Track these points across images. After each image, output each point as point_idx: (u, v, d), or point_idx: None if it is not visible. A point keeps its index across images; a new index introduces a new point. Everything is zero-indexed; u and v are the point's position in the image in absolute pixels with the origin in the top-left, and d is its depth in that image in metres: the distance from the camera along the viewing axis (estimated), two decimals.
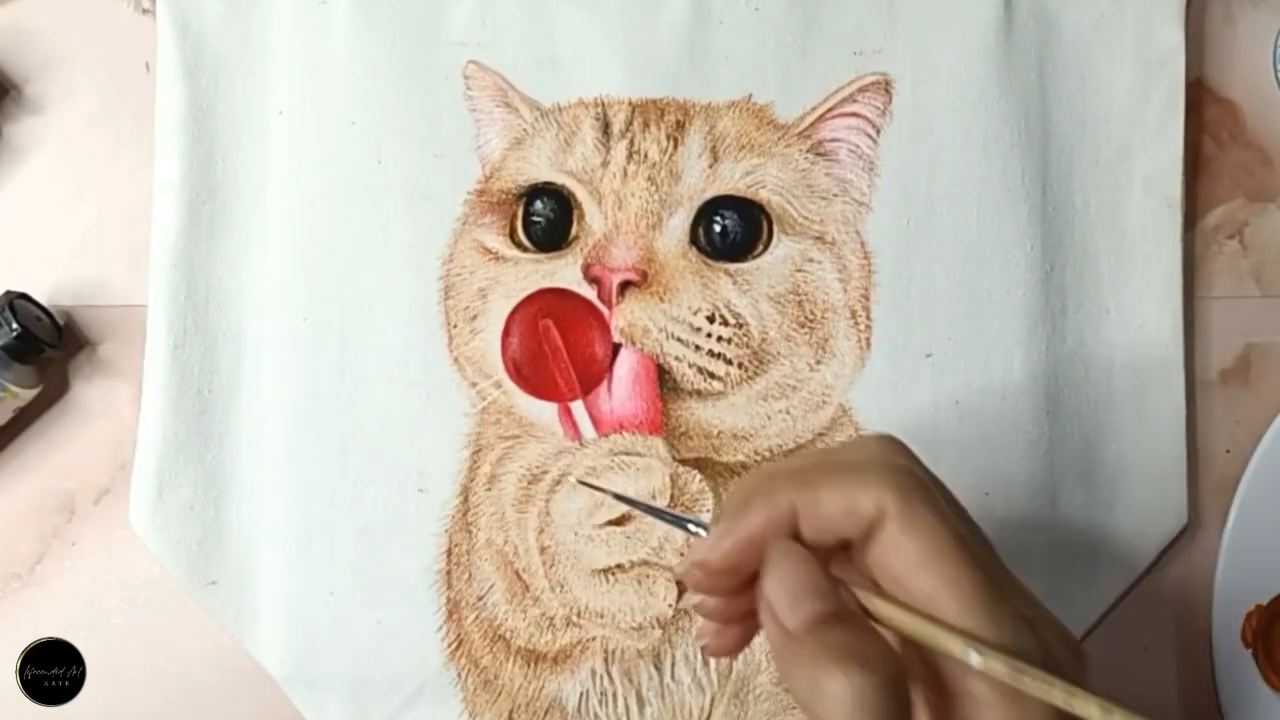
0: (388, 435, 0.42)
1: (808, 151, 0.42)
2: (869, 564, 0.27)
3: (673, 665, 0.41)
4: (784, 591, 0.26)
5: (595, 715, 0.41)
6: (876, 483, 0.26)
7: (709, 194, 0.42)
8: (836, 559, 0.27)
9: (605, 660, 0.41)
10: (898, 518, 0.26)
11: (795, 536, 0.27)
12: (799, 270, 0.42)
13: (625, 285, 0.41)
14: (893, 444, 0.29)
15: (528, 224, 0.42)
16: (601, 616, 0.41)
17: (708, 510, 0.41)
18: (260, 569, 0.42)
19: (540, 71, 0.43)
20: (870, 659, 0.25)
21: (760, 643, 0.41)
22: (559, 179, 0.42)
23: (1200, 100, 0.44)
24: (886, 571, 0.26)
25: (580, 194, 0.42)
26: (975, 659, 0.24)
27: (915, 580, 0.26)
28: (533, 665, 0.41)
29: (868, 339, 0.42)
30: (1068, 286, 0.43)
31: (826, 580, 0.26)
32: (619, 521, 0.41)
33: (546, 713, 0.41)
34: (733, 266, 0.42)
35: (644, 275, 0.41)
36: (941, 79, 0.42)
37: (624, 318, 0.41)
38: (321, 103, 0.43)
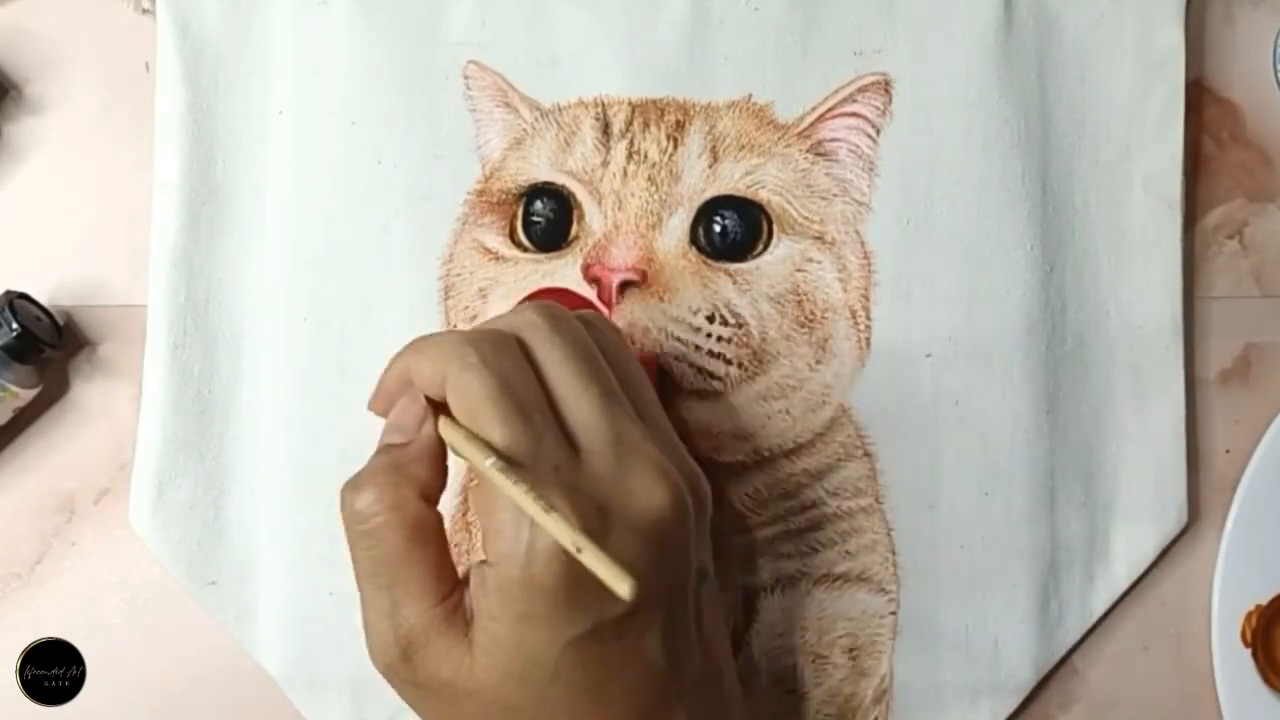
0: None
1: (808, 151, 0.42)
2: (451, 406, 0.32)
3: None
4: (384, 429, 0.35)
5: None
6: (447, 354, 0.32)
7: (709, 194, 0.42)
8: None
9: None
10: (451, 381, 0.32)
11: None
12: (799, 270, 0.42)
13: (625, 285, 0.41)
14: (530, 308, 0.34)
15: (528, 224, 0.42)
16: None
17: (707, 510, 0.41)
18: (260, 569, 0.42)
19: (540, 71, 0.43)
20: (363, 485, 0.33)
21: (759, 644, 0.41)
22: (559, 179, 0.42)
23: (1200, 100, 0.44)
24: (459, 418, 0.32)
25: (580, 194, 0.42)
26: (484, 464, 0.30)
27: (466, 426, 0.32)
28: None
29: (868, 339, 0.42)
30: (1068, 286, 0.43)
31: (413, 419, 0.34)
32: None
33: None
34: (733, 266, 0.42)
35: (644, 275, 0.41)
36: (941, 79, 0.42)
37: (624, 318, 0.41)
38: (321, 103, 0.43)
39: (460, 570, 0.34)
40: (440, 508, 0.42)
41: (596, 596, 0.29)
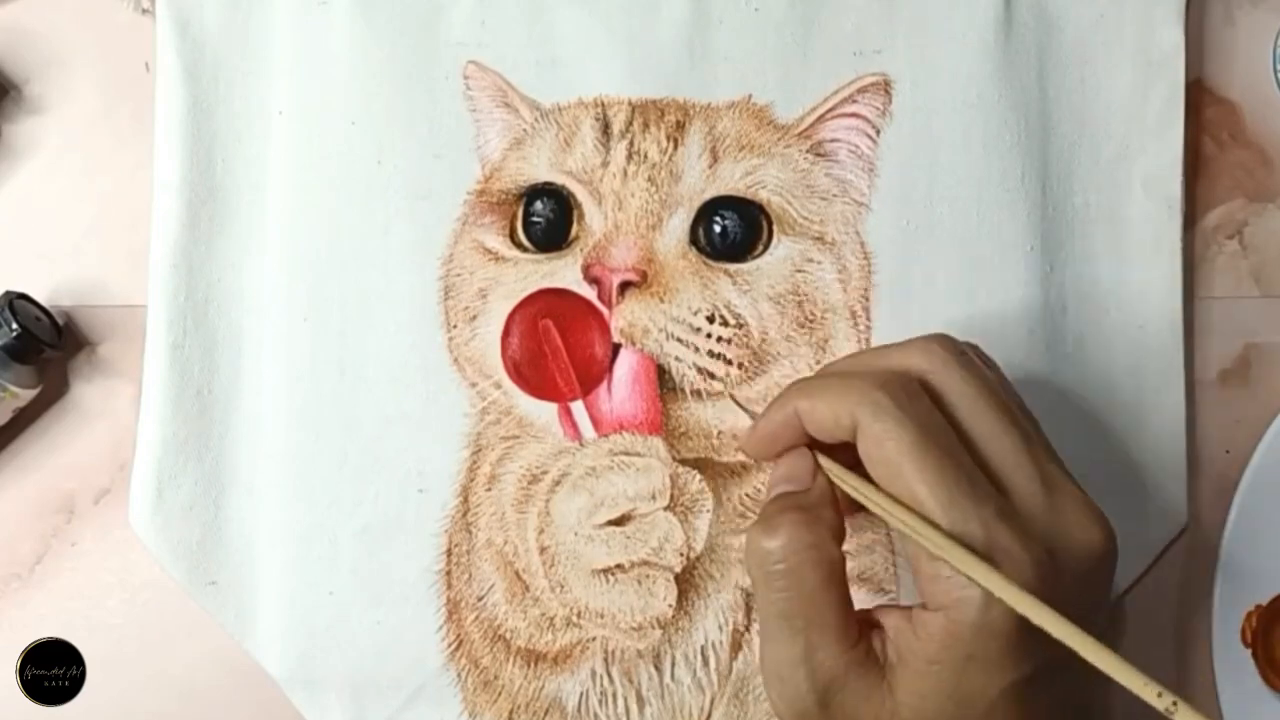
0: (388, 435, 0.42)
1: (808, 152, 0.42)
2: (862, 458, 0.32)
3: (673, 665, 0.41)
4: (771, 480, 0.35)
5: (595, 715, 0.41)
6: (853, 399, 0.32)
7: (709, 194, 0.42)
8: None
9: (605, 660, 0.41)
10: (864, 429, 0.32)
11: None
12: (799, 270, 0.42)
13: (625, 285, 0.41)
14: (931, 343, 0.34)
15: (527, 224, 0.42)
16: (601, 617, 0.41)
17: (707, 510, 0.41)
18: (260, 569, 0.42)
19: (540, 72, 0.43)
20: (776, 525, 0.32)
21: (758, 645, 0.41)
22: (559, 179, 0.42)
23: (1200, 100, 0.44)
24: (870, 467, 0.32)
25: (580, 194, 0.42)
26: (907, 531, 0.31)
27: (879, 475, 0.32)
28: (533, 665, 0.41)
29: (868, 339, 0.42)
30: (1068, 286, 0.43)
31: (804, 472, 0.34)
32: (619, 522, 0.41)
33: (546, 713, 0.41)
34: (733, 267, 0.42)
35: (644, 275, 0.42)
36: (941, 79, 0.42)
37: (624, 318, 0.41)
38: (321, 103, 0.43)
39: None
40: (438, 507, 0.42)
41: (1041, 641, 0.29)
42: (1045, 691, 0.31)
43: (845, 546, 0.41)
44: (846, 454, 0.33)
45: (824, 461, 0.34)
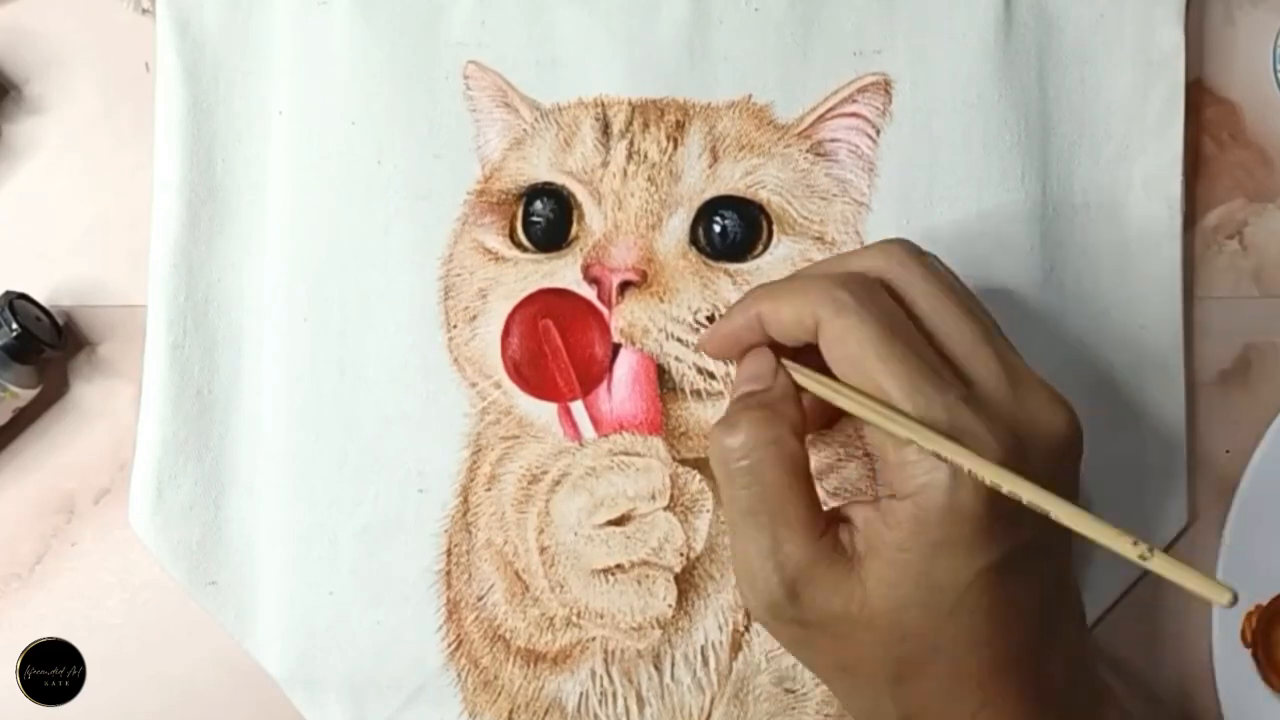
0: (388, 435, 0.42)
1: (808, 152, 0.42)
2: (824, 356, 0.33)
3: (672, 665, 0.41)
4: (736, 379, 0.35)
5: (595, 715, 0.41)
6: (815, 299, 0.32)
7: (709, 194, 0.42)
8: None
9: (605, 660, 0.41)
10: (825, 326, 0.32)
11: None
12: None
13: (625, 285, 0.41)
14: (891, 245, 0.34)
15: (527, 224, 0.42)
16: (601, 616, 0.41)
17: (707, 510, 0.41)
18: (260, 569, 0.42)
19: (540, 71, 0.43)
20: (737, 422, 0.33)
21: (759, 644, 0.41)
22: (559, 179, 0.42)
23: (1200, 100, 0.44)
24: (833, 364, 0.33)
25: (580, 194, 0.42)
26: (869, 416, 0.31)
27: (842, 371, 0.32)
28: (533, 665, 0.41)
29: None
30: (1068, 286, 0.43)
31: (768, 371, 0.34)
32: (619, 522, 0.41)
33: (546, 713, 0.41)
34: (733, 267, 0.42)
35: (644, 275, 0.41)
36: (941, 79, 0.42)
37: (624, 318, 0.41)
38: (321, 103, 0.43)
39: None
40: (438, 507, 0.42)
41: (1013, 525, 0.30)
42: (1017, 577, 0.32)
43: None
44: (810, 357, 0.34)
45: (786, 362, 0.35)
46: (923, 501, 0.31)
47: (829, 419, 0.38)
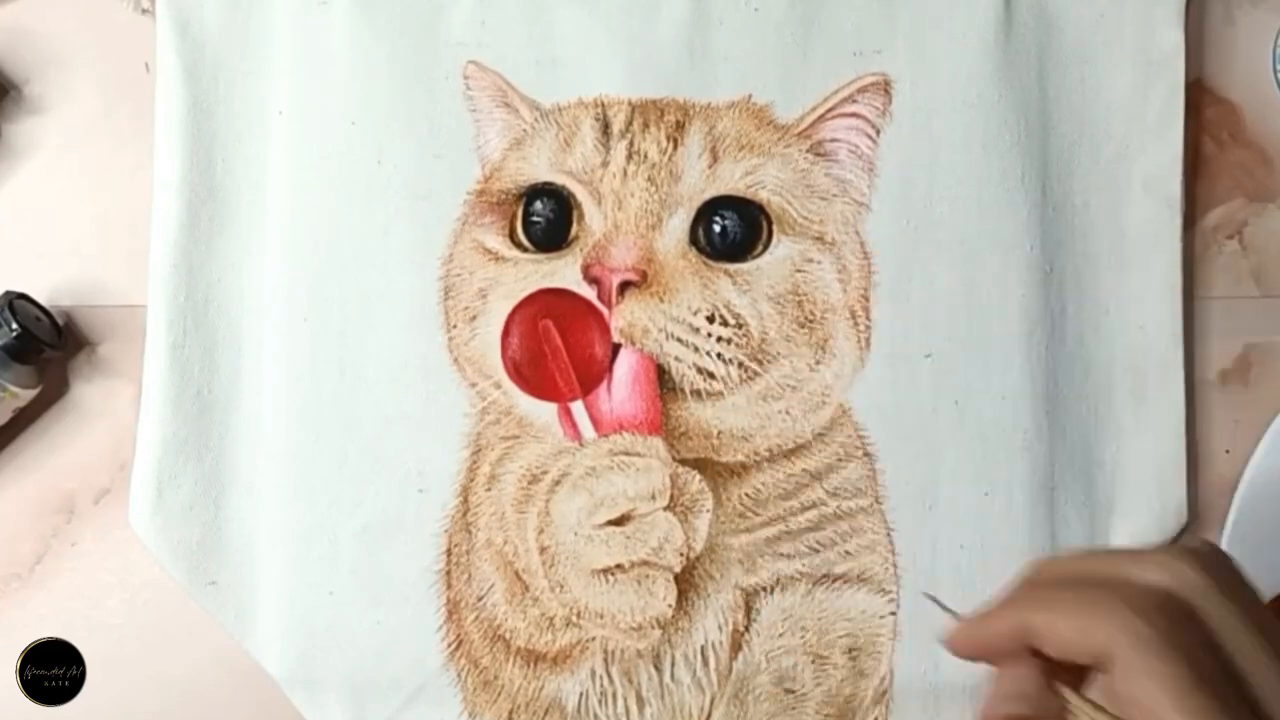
0: (388, 435, 0.42)
1: (807, 152, 0.42)
2: (1114, 692, 0.28)
3: (672, 665, 0.41)
4: (996, 692, 0.30)
5: (595, 715, 0.41)
6: (1108, 625, 0.28)
7: (709, 194, 0.42)
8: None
9: (605, 660, 0.41)
10: (1123, 663, 0.27)
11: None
12: (799, 270, 0.42)
13: (625, 285, 0.41)
14: (1187, 561, 0.29)
15: (527, 224, 0.42)
16: (601, 616, 0.41)
17: (707, 510, 0.41)
18: (260, 569, 0.42)
19: (540, 72, 0.43)
20: None
21: (759, 644, 0.41)
22: (559, 179, 0.42)
23: (1200, 100, 0.44)
24: (1122, 702, 0.28)
25: (580, 194, 0.42)
26: None
27: (1130, 715, 0.27)
28: (532, 665, 0.41)
29: (868, 339, 0.42)
30: (1068, 287, 0.43)
31: (1037, 691, 0.29)
32: (619, 522, 0.41)
33: (546, 713, 0.41)
34: (732, 267, 0.42)
35: (644, 275, 0.41)
36: (941, 79, 0.42)
37: (624, 318, 0.41)
38: (321, 103, 0.43)
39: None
40: (438, 507, 0.42)
41: None
42: None
43: (845, 547, 0.41)
44: (1069, 671, 0.30)
45: (1066, 691, 0.30)
46: None
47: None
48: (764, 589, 0.42)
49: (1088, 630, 0.28)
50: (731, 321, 0.41)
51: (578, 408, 0.42)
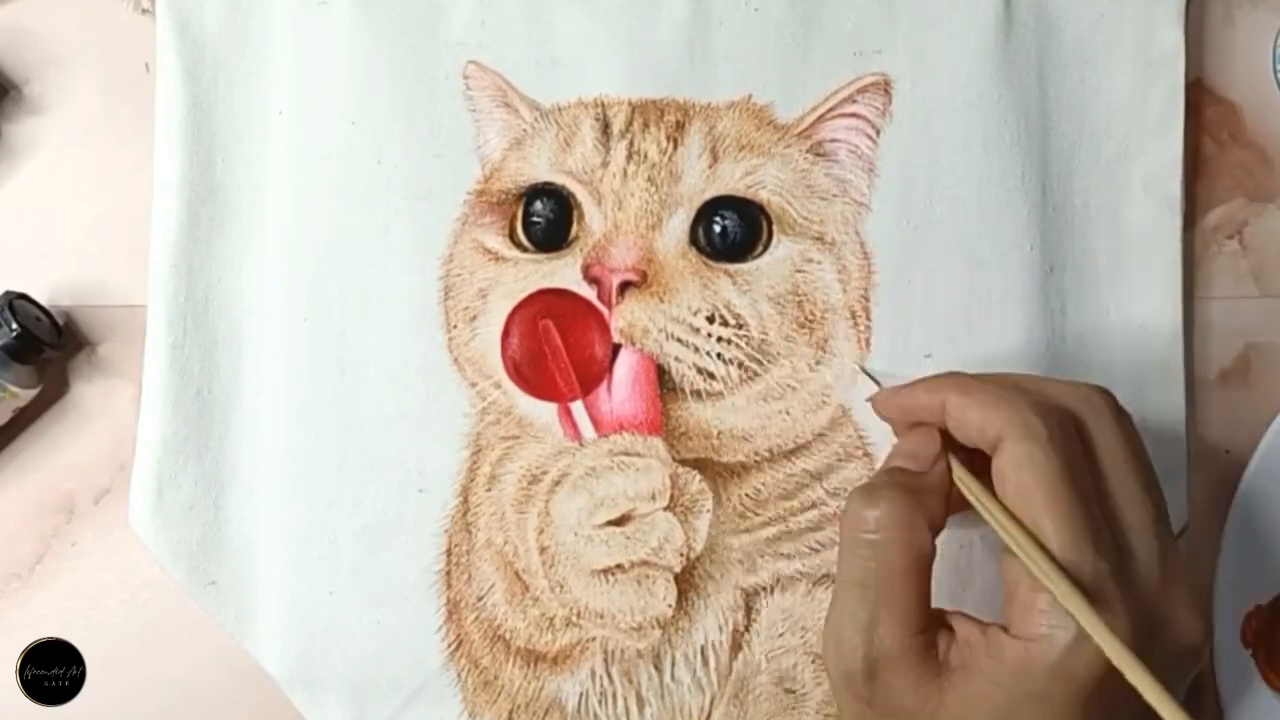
0: (388, 435, 0.42)
1: (807, 152, 0.42)
2: (995, 471, 0.32)
3: (672, 665, 0.41)
4: (894, 451, 0.35)
5: (595, 715, 0.41)
6: (1007, 414, 0.32)
7: (709, 194, 0.42)
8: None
9: (605, 660, 0.41)
10: (1008, 446, 0.32)
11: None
12: (799, 271, 0.42)
13: (625, 285, 0.41)
14: (1094, 391, 0.34)
15: (527, 224, 0.42)
16: (601, 616, 0.41)
17: (707, 510, 0.41)
18: (260, 569, 0.42)
19: (540, 72, 0.43)
20: (879, 497, 0.33)
21: (759, 644, 0.41)
22: (559, 179, 0.42)
23: (1200, 100, 0.44)
24: (1000, 484, 0.32)
25: (580, 194, 0.42)
26: (1041, 567, 0.30)
27: (1006, 495, 0.32)
28: (532, 665, 0.41)
29: (868, 339, 0.42)
30: (1068, 286, 0.43)
31: (929, 457, 0.34)
32: (619, 522, 0.41)
33: (546, 713, 0.41)
34: (732, 267, 0.42)
35: (644, 275, 0.41)
36: (941, 79, 0.42)
37: (624, 318, 0.41)
38: (321, 103, 0.43)
39: None
40: (438, 507, 0.42)
41: (1110, 706, 0.29)
42: None
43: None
44: (969, 458, 0.34)
45: (954, 460, 0.34)
46: (1036, 651, 0.30)
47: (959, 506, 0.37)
48: (764, 589, 0.42)
49: (990, 417, 0.32)
50: (731, 322, 0.41)
51: (578, 408, 0.42)
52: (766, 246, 0.42)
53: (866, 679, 0.32)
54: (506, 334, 0.42)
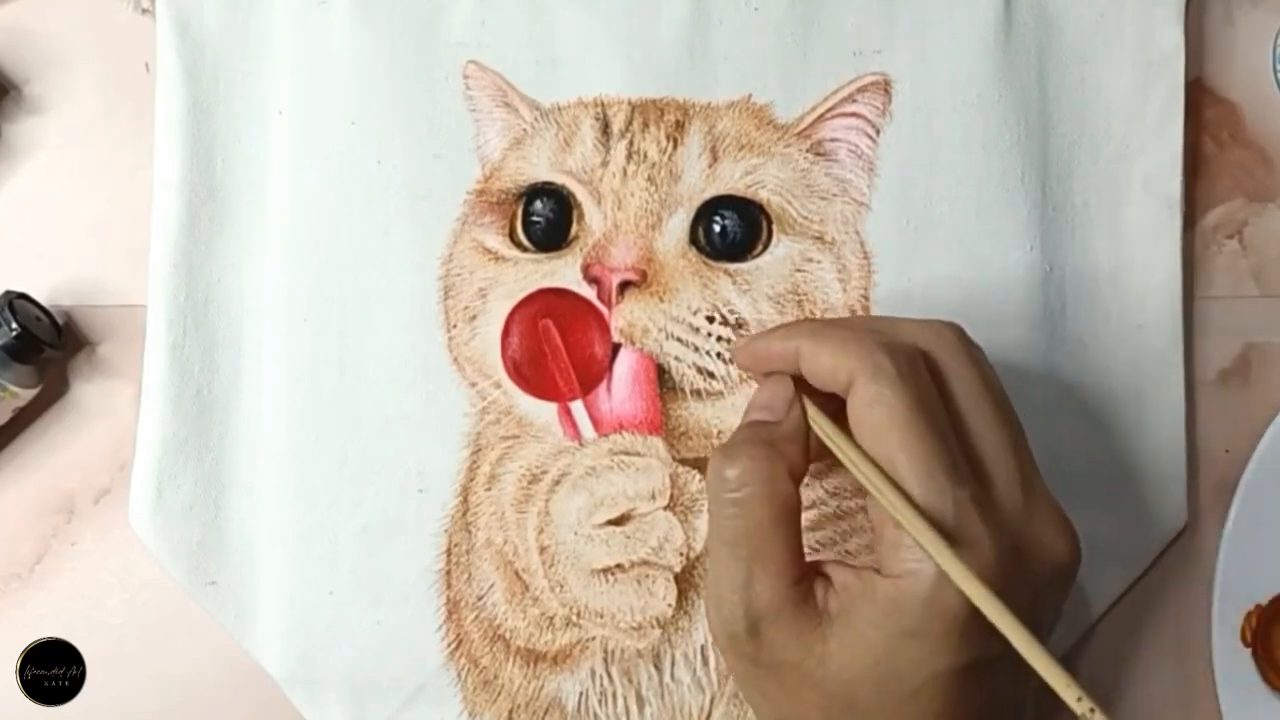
0: (388, 435, 0.42)
1: (807, 151, 0.42)
2: (849, 413, 0.33)
3: (672, 665, 0.41)
4: (750, 403, 0.35)
5: (595, 715, 0.41)
6: (857, 355, 0.32)
7: (709, 194, 0.42)
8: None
9: (605, 660, 0.41)
10: (859, 387, 0.32)
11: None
12: (799, 270, 0.42)
13: (625, 285, 0.41)
14: (945, 327, 0.34)
15: (527, 224, 0.42)
16: (601, 616, 0.41)
17: (706, 510, 0.41)
18: (260, 569, 0.42)
19: (540, 71, 0.43)
20: (737, 455, 0.32)
21: None
22: (558, 179, 0.42)
23: (1200, 100, 0.44)
24: (855, 426, 0.32)
25: (580, 194, 0.42)
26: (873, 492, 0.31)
27: (862, 437, 0.32)
28: (532, 665, 0.41)
29: None
30: (1068, 286, 0.43)
31: (784, 405, 0.34)
32: (619, 521, 0.41)
33: (546, 713, 0.41)
34: (732, 266, 0.42)
35: (643, 275, 0.41)
36: (941, 79, 0.42)
37: (624, 318, 0.41)
38: (321, 103, 0.43)
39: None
40: (438, 507, 0.42)
41: (989, 635, 0.29)
42: (976, 685, 0.31)
43: (845, 546, 0.41)
44: (831, 404, 0.34)
45: (810, 405, 0.34)
46: (905, 587, 0.30)
47: (827, 454, 0.38)
48: None
49: (840, 360, 0.32)
50: (731, 321, 0.41)
51: (578, 407, 0.42)
52: (766, 246, 0.42)
53: (750, 636, 0.32)
54: (506, 334, 0.42)
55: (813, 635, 0.32)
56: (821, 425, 0.34)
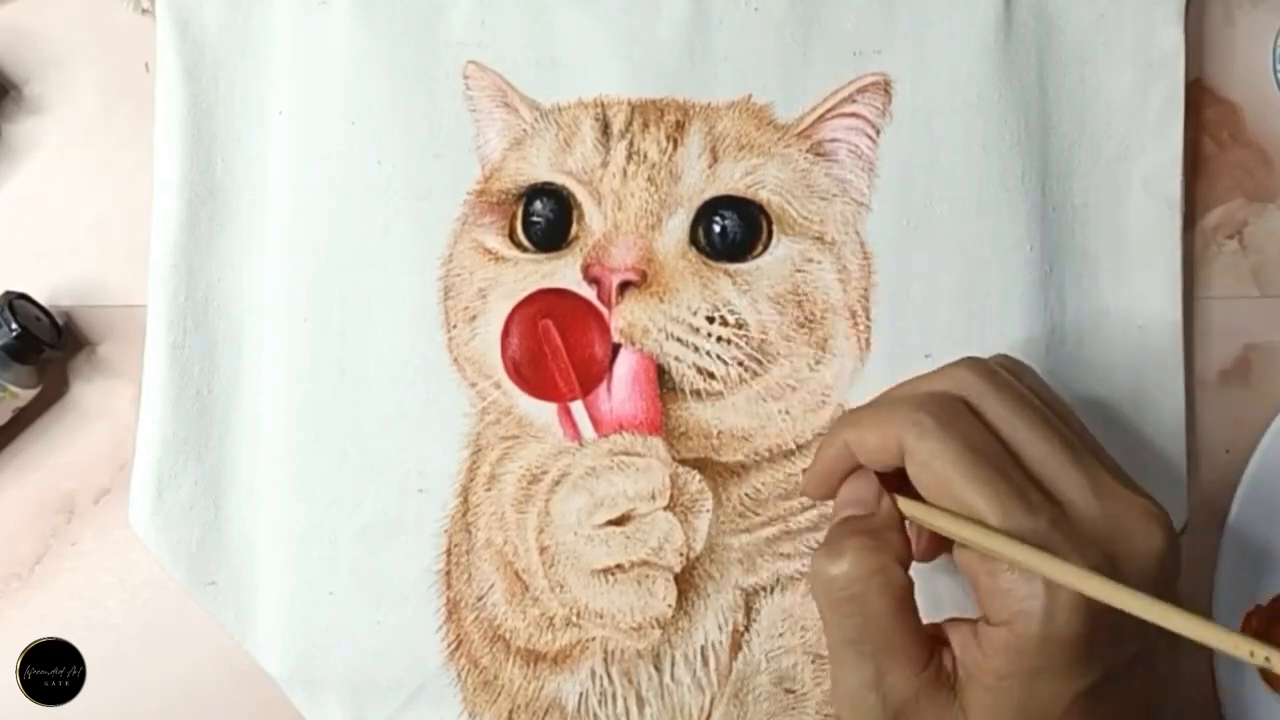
0: (388, 435, 0.42)
1: (807, 152, 0.42)
2: (911, 480, 0.32)
3: (672, 665, 0.41)
4: (836, 503, 0.35)
5: (595, 715, 0.41)
6: (898, 423, 0.32)
7: (709, 194, 0.42)
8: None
9: (605, 660, 0.41)
10: (910, 451, 0.32)
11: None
12: (799, 270, 0.42)
13: (625, 285, 0.41)
14: (965, 367, 0.34)
15: (527, 224, 0.42)
16: (601, 616, 0.41)
17: (707, 510, 0.41)
18: (260, 569, 0.42)
19: (540, 72, 0.43)
20: (842, 550, 0.32)
21: (759, 644, 0.41)
22: (558, 179, 0.42)
23: (1200, 100, 0.44)
24: (922, 489, 0.32)
25: (580, 194, 0.42)
26: (966, 537, 0.31)
27: (932, 496, 0.32)
28: (532, 665, 0.41)
29: (867, 339, 0.42)
30: (1068, 286, 0.43)
31: (872, 496, 0.34)
32: (619, 522, 0.41)
33: (546, 713, 0.41)
34: (732, 267, 0.42)
35: (643, 275, 0.42)
36: (941, 79, 0.42)
37: (623, 318, 0.41)
38: (321, 103, 0.43)
39: None
40: (438, 507, 0.42)
41: (1108, 644, 0.30)
42: (1114, 694, 0.31)
43: None
44: (903, 485, 0.34)
45: (894, 496, 0.34)
46: (1019, 629, 0.30)
47: (935, 551, 0.37)
48: (764, 589, 0.42)
49: (885, 431, 0.32)
50: (731, 321, 0.41)
51: (578, 408, 0.42)
52: (766, 246, 0.42)
53: None
54: (506, 334, 0.42)
55: (952, 709, 0.32)
56: (906, 502, 0.33)
